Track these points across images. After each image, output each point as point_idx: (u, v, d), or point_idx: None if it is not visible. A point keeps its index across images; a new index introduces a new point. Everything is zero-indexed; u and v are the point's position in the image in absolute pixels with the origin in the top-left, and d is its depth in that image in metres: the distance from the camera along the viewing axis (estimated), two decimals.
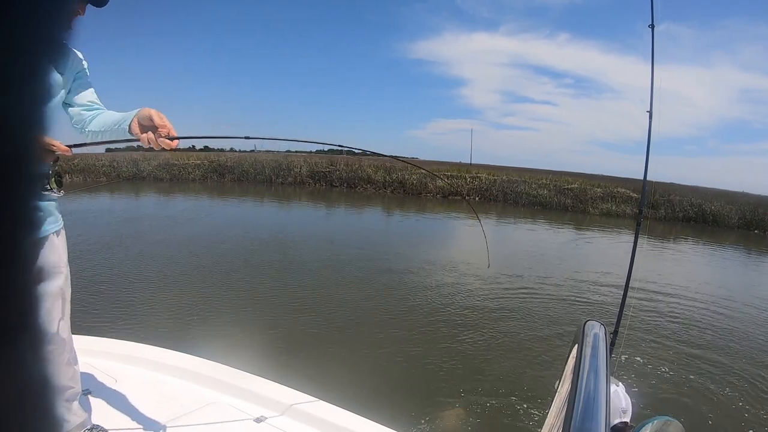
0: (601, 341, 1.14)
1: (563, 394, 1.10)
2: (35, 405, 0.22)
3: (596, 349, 1.09)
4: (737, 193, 29.35)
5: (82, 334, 2.34)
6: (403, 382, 3.99)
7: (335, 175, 24.03)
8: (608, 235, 14.37)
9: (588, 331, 1.18)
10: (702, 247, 14.11)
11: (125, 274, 6.61)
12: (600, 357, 1.05)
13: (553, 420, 1.10)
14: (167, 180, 26.26)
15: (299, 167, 24.68)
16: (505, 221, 16.35)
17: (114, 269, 6.83)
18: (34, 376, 0.21)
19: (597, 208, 20.32)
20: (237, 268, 7.31)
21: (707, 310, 6.72)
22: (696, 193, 22.86)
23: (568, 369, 1.18)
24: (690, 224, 19.37)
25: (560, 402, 1.09)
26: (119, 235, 9.35)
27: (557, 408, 1.11)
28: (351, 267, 7.77)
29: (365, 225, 14.14)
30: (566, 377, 1.17)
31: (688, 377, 4.49)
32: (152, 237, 9.48)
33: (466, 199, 21.43)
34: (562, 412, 0.92)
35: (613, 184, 22.98)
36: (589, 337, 1.14)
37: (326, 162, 25.39)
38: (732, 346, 5.39)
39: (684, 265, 10.80)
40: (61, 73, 1.35)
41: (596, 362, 1.02)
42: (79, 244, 7.90)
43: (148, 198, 18.48)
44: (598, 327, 1.22)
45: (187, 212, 14.08)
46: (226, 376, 2.06)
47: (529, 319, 5.66)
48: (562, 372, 1.28)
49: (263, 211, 16.06)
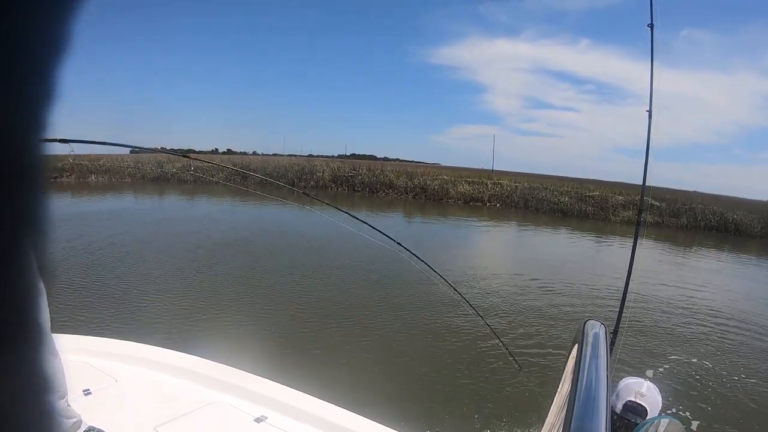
0: (602, 341, 1.15)
1: (563, 393, 1.11)
2: (36, 405, 0.22)
3: (596, 348, 1.10)
4: (760, 202, 29.55)
5: (82, 334, 2.51)
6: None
7: (357, 179, 24.97)
8: (628, 243, 14.81)
9: (588, 330, 1.19)
10: (725, 255, 14.60)
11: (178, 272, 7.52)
12: (600, 357, 1.06)
13: (553, 419, 1.12)
14: (191, 182, 27.24)
15: (322, 171, 25.71)
16: (525, 228, 17.09)
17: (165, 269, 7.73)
18: (34, 376, 0.21)
19: (618, 216, 20.88)
20: (271, 269, 7.94)
21: (719, 317, 7.04)
22: (718, 202, 23.21)
23: (569, 368, 1.19)
24: (712, 233, 19.79)
25: (560, 401, 1.11)
26: (152, 232, 10.36)
27: (557, 407, 1.13)
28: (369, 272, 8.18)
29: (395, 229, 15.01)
30: (566, 377, 1.18)
31: (688, 377, 4.70)
32: (187, 238, 10.27)
33: (487, 205, 22.20)
34: (563, 411, 0.94)
35: (634, 192, 23.51)
36: (589, 337, 1.15)
37: (349, 167, 26.35)
38: (739, 351, 5.67)
39: (700, 273, 11.26)
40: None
41: (596, 362, 1.04)
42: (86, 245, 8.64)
43: (189, 201, 19.48)
44: (599, 326, 1.24)
45: (216, 214, 15.06)
46: (226, 375, 2.11)
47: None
48: (563, 371, 1.30)
49: (286, 214, 16.96)
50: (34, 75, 0.20)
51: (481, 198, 22.74)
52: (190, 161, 1.78)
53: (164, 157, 30.62)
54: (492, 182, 23.99)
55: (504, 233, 15.92)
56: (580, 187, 23.94)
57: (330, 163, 27.40)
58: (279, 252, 9.44)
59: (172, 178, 27.35)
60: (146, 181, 27.17)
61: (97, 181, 25.42)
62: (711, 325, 6.69)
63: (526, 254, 12.21)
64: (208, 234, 10.86)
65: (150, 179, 27.32)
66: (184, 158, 1.97)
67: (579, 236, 15.83)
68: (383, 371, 4.38)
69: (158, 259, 8.17)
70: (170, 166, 28.06)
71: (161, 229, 11.19)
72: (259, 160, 29.67)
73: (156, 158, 30.00)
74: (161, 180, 27.31)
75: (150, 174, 27.62)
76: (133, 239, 9.73)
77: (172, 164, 28.26)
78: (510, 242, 14.44)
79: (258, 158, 30.22)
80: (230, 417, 1.86)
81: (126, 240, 9.59)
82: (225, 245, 9.63)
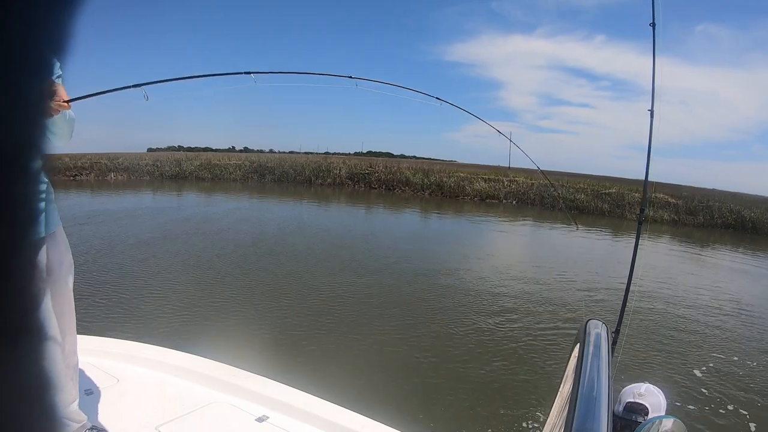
0: (603, 341, 1.15)
1: (565, 393, 1.11)
2: (37, 405, 0.22)
3: (598, 348, 1.10)
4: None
5: (82, 334, 2.64)
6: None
7: (374, 177, 25.58)
8: (645, 242, 15.02)
9: (590, 330, 1.20)
10: (739, 255, 14.90)
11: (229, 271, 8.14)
12: (602, 357, 1.07)
13: (555, 419, 1.12)
14: (209, 180, 27.89)
15: (338, 169, 26.37)
16: (541, 225, 17.57)
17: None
18: (35, 376, 0.22)
19: (634, 213, 21.17)
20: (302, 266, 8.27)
21: (729, 315, 7.16)
22: (735, 200, 23.32)
23: (570, 368, 1.20)
24: (729, 231, 20.02)
25: (562, 401, 1.11)
26: (169, 230, 10.93)
27: (559, 407, 1.13)
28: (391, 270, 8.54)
29: (408, 228, 15.61)
30: (568, 376, 1.18)
31: (690, 378, 4.78)
32: (210, 236, 10.69)
33: (503, 202, 22.67)
34: (564, 411, 0.94)
35: (652, 189, 23.70)
36: (591, 337, 1.16)
37: (365, 164, 26.95)
38: (743, 350, 5.74)
39: (714, 271, 11.59)
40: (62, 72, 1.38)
41: (598, 362, 1.04)
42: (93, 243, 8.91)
43: (209, 197, 20.19)
44: (600, 326, 1.24)
45: (238, 212, 15.70)
46: (227, 375, 2.13)
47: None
48: (564, 371, 1.30)
49: (305, 210, 17.55)
50: (34, 75, 0.20)
51: (497, 195, 23.21)
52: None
53: (182, 155, 31.48)
54: (508, 179, 24.43)
55: (521, 230, 16.44)
56: (596, 185, 24.26)
57: (347, 161, 28.01)
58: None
59: (189, 176, 27.97)
60: (165, 178, 27.49)
61: (116, 179, 25.99)
62: (721, 323, 6.76)
63: (546, 251, 12.72)
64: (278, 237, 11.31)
65: (168, 177, 27.69)
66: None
67: (595, 233, 16.26)
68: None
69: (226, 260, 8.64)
70: (188, 164, 28.88)
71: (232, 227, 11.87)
72: (276, 157, 30.36)
73: (174, 156, 30.70)
74: (179, 178, 27.76)
75: (169, 172, 28.16)
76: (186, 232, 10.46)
77: (190, 162, 29.08)
78: (528, 239, 14.99)
79: (275, 156, 30.94)
80: (232, 417, 1.89)
81: (176, 233, 10.32)
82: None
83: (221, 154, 31.48)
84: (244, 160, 29.59)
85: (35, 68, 0.20)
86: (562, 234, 15.78)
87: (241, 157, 30.15)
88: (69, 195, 17.53)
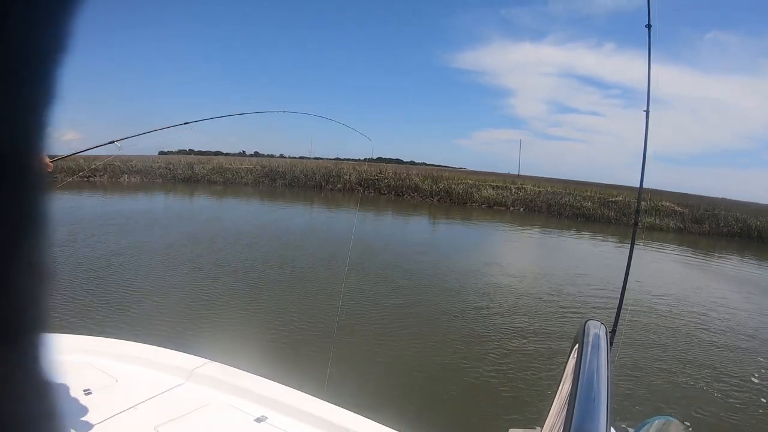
0: (602, 341, 1.18)
1: (564, 394, 1.14)
2: (37, 405, 0.22)
3: (597, 349, 1.13)
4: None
5: (82, 334, 2.55)
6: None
7: (383, 183, 26.39)
8: (650, 251, 14.84)
9: (589, 330, 1.23)
10: (745, 264, 15.36)
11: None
12: (601, 357, 1.10)
13: (553, 420, 1.15)
14: (221, 183, 28.59)
15: (348, 174, 27.24)
16: (549, 232, 18.22)
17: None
18: (36, 376, 0.22)
19: (641, 221, 21.71)
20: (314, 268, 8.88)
21: (728, 321, 7.59)
22: (742, 208, 23.80)
23: (569, 369, 1.23)
24: (734, 239, 20.49)
25: (561, 402, 1.15)
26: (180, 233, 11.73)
27: (558, 408, 1.17)
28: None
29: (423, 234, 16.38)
30: (567, 377, 1.21)
31: (690, 377, 4.97)
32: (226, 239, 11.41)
33: (510, 209, 23.40)
34: (563, 411, 0.97)
35: (658, 197, 24.34)
36: (590, 337, 1.19)
37: (375, 170, 27.81)
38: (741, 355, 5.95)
39: (716, 280, 11.87)
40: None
41: (597, 362, 1.06)
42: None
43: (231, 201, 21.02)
44: (599, 327, 1.27)
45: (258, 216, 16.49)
46: (227, 375, 2.15)
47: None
48: (563, 372, 1.33)
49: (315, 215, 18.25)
50: (34, 75, 0.20)
51: (504, 202, 23.91)
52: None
53: (194, 159, 32.26)
54: (516, 187, 25.14)
55: (529, 237, 17.16)
56: (603, 192, 24.87)
57: (356, 167, 28.78)
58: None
59: (202, 180, 28.69)
60: (177, 181, 28.20)
61: (130, 182, 26.62)
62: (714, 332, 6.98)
63: (551, 258, 13.47)
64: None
65: (181, 180, 28.47)
66: None
67: (601, 240, 16.90)
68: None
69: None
70: (201, 168, 29.60)
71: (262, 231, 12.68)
72: (287, 162, 31.22)
73: (186, 160, 31.45)
74: (192, 181, 28.59)
75: (181, 175, 28.94)
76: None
77: (202, 166, 29.81)
78: (535, 244, 15.72)
79: (285, 161, 31.83)
80: (230, 417, 1.91)
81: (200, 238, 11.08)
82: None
83: (232, 159, 32.34)
84: (256, 164, 30.37)
85: (35, 68, 0.20)
86: (570, 240, 16.41)
87: (253, 162, 30.94)
88: (82, 195, 18.38)
